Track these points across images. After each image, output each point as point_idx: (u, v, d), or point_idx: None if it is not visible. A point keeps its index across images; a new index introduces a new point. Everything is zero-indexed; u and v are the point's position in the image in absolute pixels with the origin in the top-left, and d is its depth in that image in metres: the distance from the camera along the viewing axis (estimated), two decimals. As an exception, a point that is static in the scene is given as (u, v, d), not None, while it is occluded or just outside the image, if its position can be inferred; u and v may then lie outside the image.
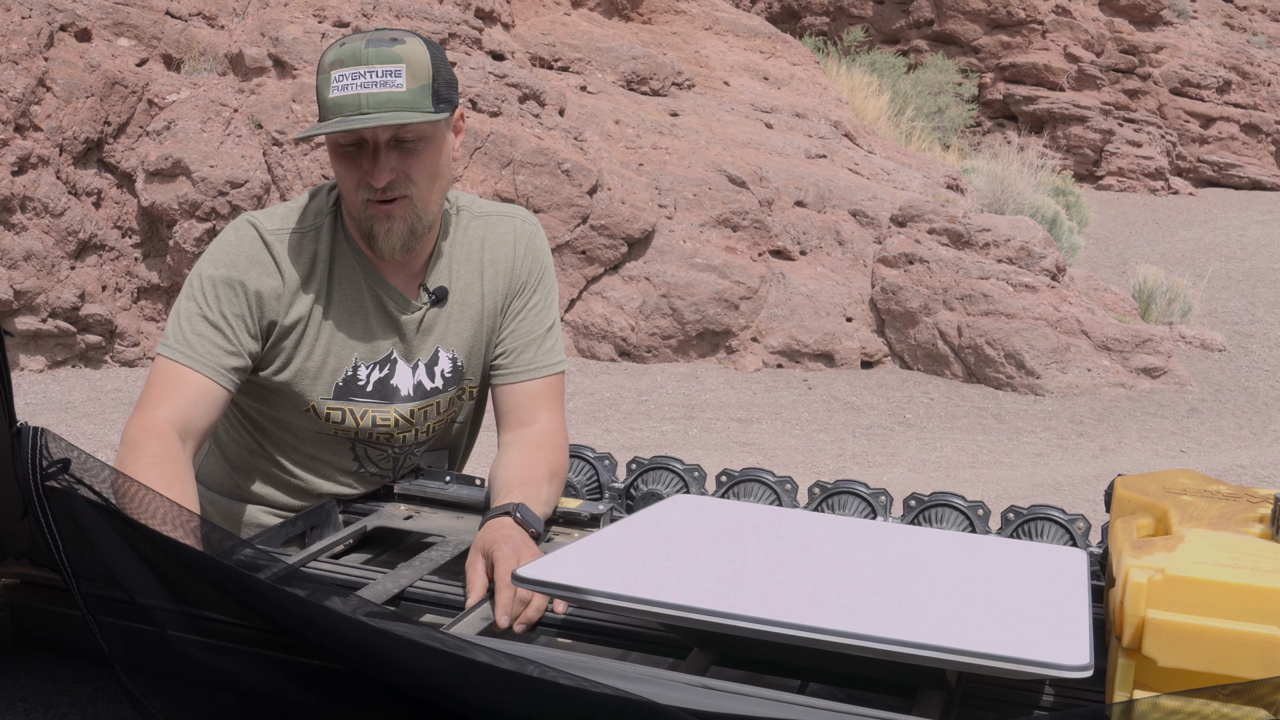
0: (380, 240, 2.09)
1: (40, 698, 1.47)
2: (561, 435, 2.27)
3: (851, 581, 1.59)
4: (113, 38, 9.93)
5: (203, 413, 2.06)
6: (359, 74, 2.00)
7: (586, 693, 1.14)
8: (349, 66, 2.01)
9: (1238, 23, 22.37)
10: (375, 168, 2.04)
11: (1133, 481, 1.85)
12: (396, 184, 2.06)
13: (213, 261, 2.12)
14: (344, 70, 2.00)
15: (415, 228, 2.11)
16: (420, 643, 1.23)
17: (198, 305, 2.09)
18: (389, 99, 1.99)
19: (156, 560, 1.37)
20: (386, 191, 2.05)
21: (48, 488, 1.39)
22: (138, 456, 1.95)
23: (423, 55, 2.05)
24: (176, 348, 2.07)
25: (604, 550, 1.66)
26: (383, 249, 2.10)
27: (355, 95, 1.99)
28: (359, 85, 1.99)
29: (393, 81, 2.00)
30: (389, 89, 1.99)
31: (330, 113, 2.01)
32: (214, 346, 2.07)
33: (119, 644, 1.39)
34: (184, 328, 2.08)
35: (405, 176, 2.06)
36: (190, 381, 2.06)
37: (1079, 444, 8.72)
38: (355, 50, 2.01)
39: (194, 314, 2.09)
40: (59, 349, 9.17)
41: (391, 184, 2.05)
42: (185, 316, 2.09)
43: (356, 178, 2.06)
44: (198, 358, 2.06)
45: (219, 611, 1.38)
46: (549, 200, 10.02)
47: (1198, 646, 1.33)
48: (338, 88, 2.00)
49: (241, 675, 1.38)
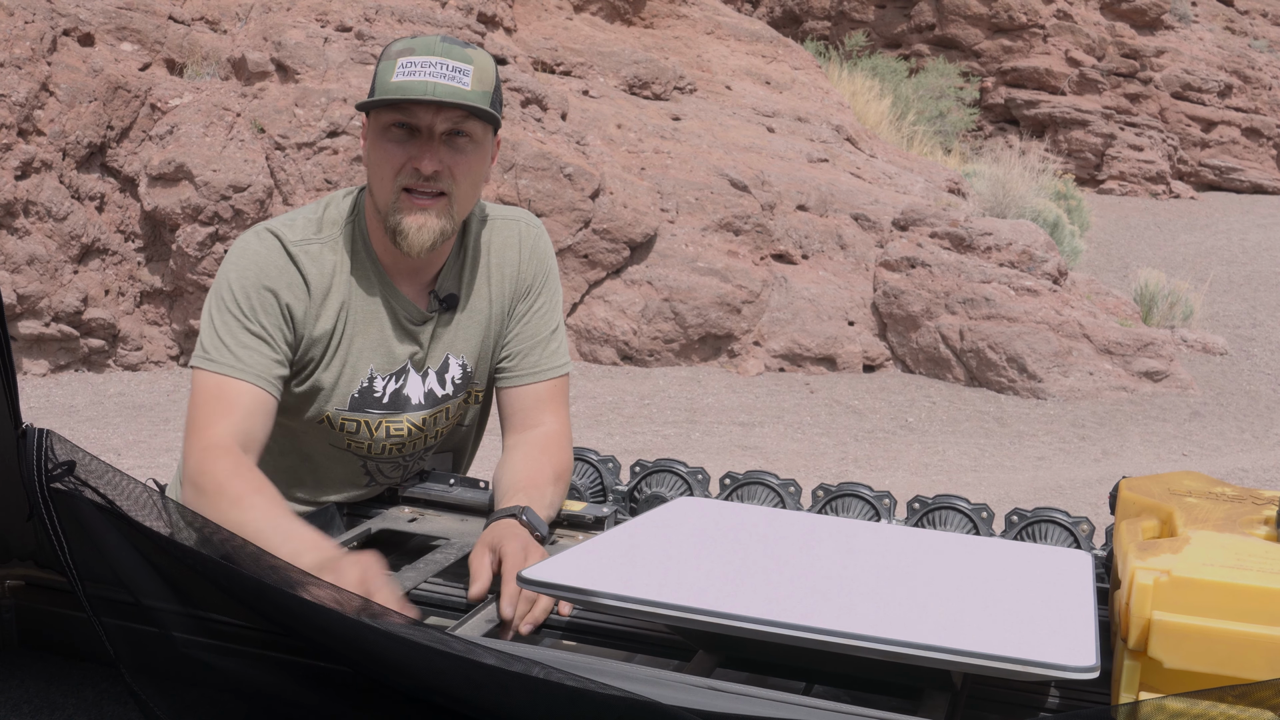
0: (410, 235, 2.04)
1: (45, 699, 1.47)
2: (566, 438, 2.27)
3: (857, 583, 1.59)
4: (116, 42, 9.94)
5: (260, 424, 2.03)
6: (430, 63, 1.98)
7: (593, 694, 1.14)
8: (421, 55, 1.99)
9: (1239, 27, 22.38)
10: (425, 152, 2.01)
11: (1138, 483, 1.85)
12: (440, 177, 2.03)
13: (242, 272, 2.07)
14: (415, 58, 1.99)
15: (446, 229, 2.08)
16: (426, 644, 1.23)
17: (237, 317, 2.04)
18: (455, 91, 1.98)
19: (161, 562, 1.37)
20: (430, 182, 2.03)
21: (53, 489, 1.39)
22: (215, 470, 1.91)
23: (490, 65, 2.06)
24: (223, 361, 2.02)
25: (609, 552, 1.66)
26: (411, 244, 2.05)
27: (424, 81, 1.97)
28: (428, 73, 1.98)
29: (461, 78, 1.99)
30: (456, 83, 1.99)
31: (391, 93, 1.99)
32: (262, 356, 2.04)
33: (124, 646, 1.39)
34: (226, 341, 2.03)
35: (450, 173, 2.04)
36: (244, 394, 2.01)
37: (1081, 448, 8.72)
38: (429, 43, 2.01)
39: (235, 326, 2.04)
40: (62, 353, 9.17)
41: (436, 175, 2.02)
42: (226, 329, 2.04)
43: (400, 161, 2.03)
44: (247, 369, 2.02)
45: (224, 613, 1.38)
46: (551, 204, 10.02)
47: (1204, 648, 1.33)
48: (404, 73, 1.98)
49: (247, 677, 1.38)
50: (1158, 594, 1.35)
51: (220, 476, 1.90)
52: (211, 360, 2.03)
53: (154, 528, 1.35)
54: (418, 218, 2.04)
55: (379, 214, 2.10)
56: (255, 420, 2.02)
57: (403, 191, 2.04)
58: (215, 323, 2.05)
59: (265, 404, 2.04)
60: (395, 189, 2.04)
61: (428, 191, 2.04)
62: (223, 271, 2.09)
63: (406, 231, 2.05)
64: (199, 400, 2.02)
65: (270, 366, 2.05)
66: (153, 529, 1.35)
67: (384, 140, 2.04)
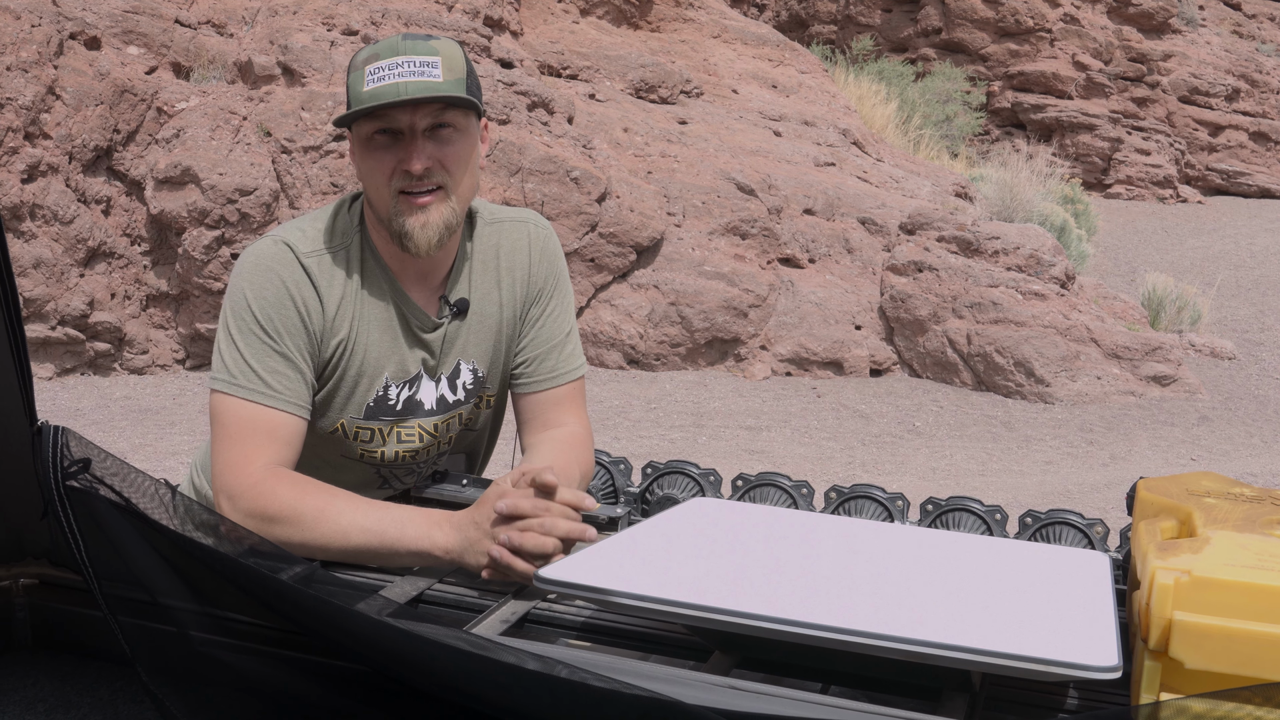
0: (415, 235, 2.03)
1: (60, 698, 1.46)
2: (589, 438, 2.26)
3: (877, 584, 1.59)
4: (122, 46, 9.96)
5: (296, 450, 2.01)
6: (396, 64, 1.97)
7: (618, 694, 1.13)
8: (385, 59, 1.98)
9: (1246, 31, 22.36)
10: (413, 153, 2.00)
11: (1155, 484, 1.84)
12: (432, 172, 2.02)
13: (260, 289, 2.03)
14: (380, 63, 1.98)
15: (449, 222, 2.06)
16: (445, 643, 1.22)
17: (262, 339, 2.01)
18: (427, 86, 1.97)
19: (178, 561, 1.36)
20: (423, 180, 2.02)
21: (69, 487, 1.38)
22: (279, 496, 1.88)
23: (457, 52, 2.04)
24: (253, 388, 1.99)
25: (627, 552, 1.65)
26: (418, 244, 2.03)
27: (394, 84, 1.96)
28: (396, 75, 1.97)
29: (430, 72, 1.98)
30: (426, 78, 1.98)
31: (365, 103, 1.98)
32: (292, 382, 2.01)
33: (141, 645, 1.38)
34: (254, 365, 1.99)
35: (441, 165, 2.03)
36: (279, 424, 1.99)
37: (1089, 452, 8.70)
38: (392, 44, 2.00)
39: (261, 350, 2.00)
40: (68, 356, 9.18)
41: (428, 172, 2.01)
42: (251, 353, 2.00)
43: (390, 167, 2.02)
44: (281, 397, 2.00)
45: (241, 612, 1.37)
46: (557, 208, 10.02)
47: (1225, 648, 1.32)
48: (373, 80, 1.97)
49: (263, 676, 1.37)
50: (1179, 594, 1.34)
51: (290, 500, 1.88)
52: (239, 386, 1.99)
53: (170, 525, 1.34)
54: (419, 217, 2.03)
55: (381, 222, 2.08)
56: (292, 448, 2.01)
57: (399, 194, 2.03)
58: (239, 344, 2.01)
59: (300, 430, 2.03)
60: (392, 194, 2.03)
61: (424, 189, 2.03)
62: (238, 286, 2.05)
63: (411, 232, 2.03)
64: (233, 430, 1.98)
65: (301, 392, 2.03)
66: (169, 527, 1.34)
67: (370, 150, 2.03)
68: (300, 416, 2.02)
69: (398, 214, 2.04)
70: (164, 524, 1.35)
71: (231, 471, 1.94)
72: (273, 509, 1.87)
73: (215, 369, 2.03)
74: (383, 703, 1.36)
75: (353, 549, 1.84)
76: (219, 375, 2.01)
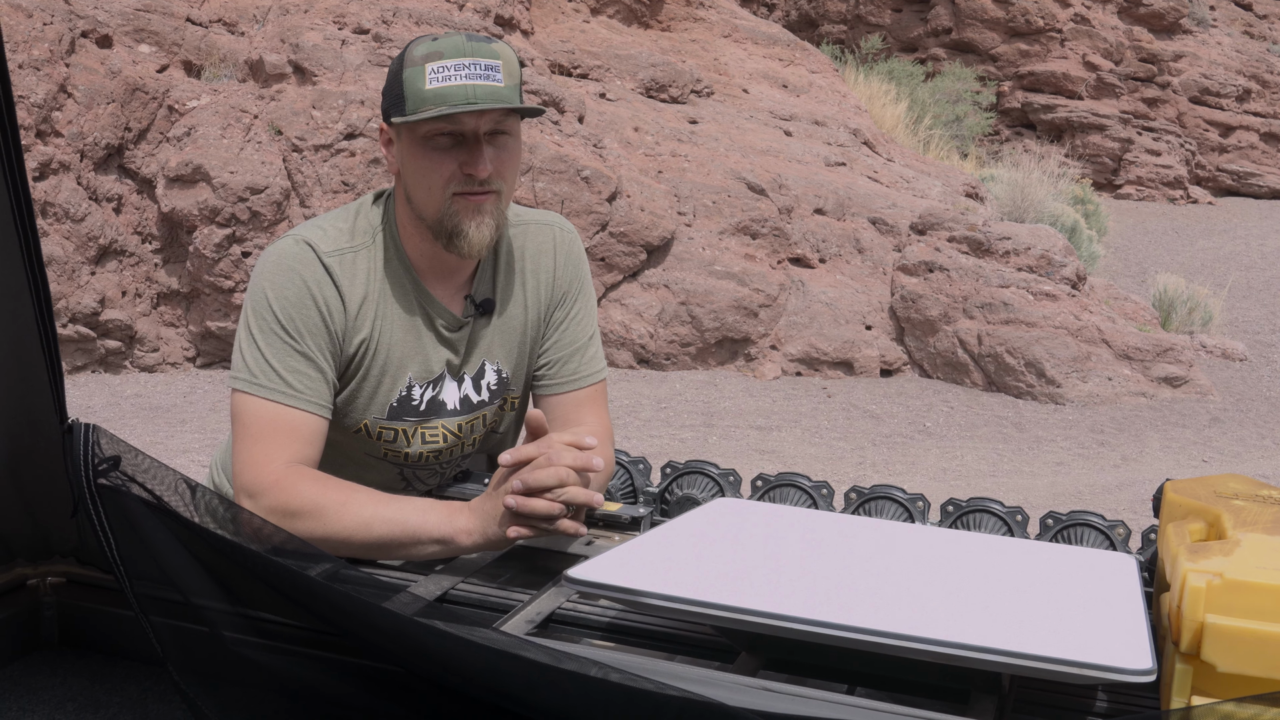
0: (471, 236, 2.03)
1: (90, 697, 1.46)
2: (610, 438, 2.26)
3: (906, 585, 1.58)
4: (133, 44, 9.97)
5: (318, 450, 2.02)
6: (462, 65, 1.97)
7: (650, 693, 1.12)
8: (450, 58, 1.97)
9: (1257, 31, 22.31)
10: (478, 159, 2.00)
11: (1183, 486, 1.83)
12: (492, 179, 2.03)
13: (281, 289, 2.03)
14: (444, 62, 1.97)
15: (500, 224, 2.08)
16: (478, 643, 1.22)
17: (283, 339, 2.01)
18: (494, 91, 1.98)
19: (210, 560, 1.36)
20: (484, 184, 2.02)
21: (99, 485, 1.38)
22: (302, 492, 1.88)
23: (513, 56, 2.05)
24: (274, 387, 1.99)
25: (653, 553, 1.65)
26: (473, 243, 2.04)
27: (462, 85, 1.96)
28: (464, 76, 1.96)
29: (494, 75, 1.98)
30: (491, 82, 1.98)
31: (430, 102, 1.97)
32: (314, 382, 2.02)
33: (172, 644, 1.38)
34: (275, 365, 1.99)
35: (498, 172, 2.04)
36: (301, 423, 1.99)
37: (1100, 453, 8.68)
38: (456, 44, 1.99)
39: (282, 349, 2.00)
40: (79, 354, 9.19)
41: (488, 177, 2.03)
42: (272, 352, 2.00)
43: (450, 169, 2.01)
44: (302, 396, 2.00)
45: (273, 611, 1.36)
46: (568, 207, 10.02)
47: (1258, 651, 1.31)
48: (438, 79, 1.96)
49: (295, 675, 1.37)
50: (1211, 597, 1.34)
51: (312, 495, 1.88)
52: (260, 385, 1.99)
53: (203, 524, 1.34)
54: (476, 217, 2.03)
55: (423, 221, 2.08)
56: (314, 447, 2.01)
57: (454, 196, 2.03)
58: (260, 344, 2.01)
59: (321, 429, 2.03)
60: (446, 196, 2.03)
61: (483, 190, 2.03)
62: (259, 285, 2.05)
63: (468, 233, 2.03)
64: (254, 429, 1.98)
65: (323, 391, 2.03)
66: (202, 525, 1.34)
67: (428, 150, 2.02)
68: (321, 416, 2.03)
69: (452, 215, 2.04)
70: (197, 522, 1.35)
71: (253, 469, 1.94)
72: (295, 504, 1.87)
73: (236, 368, 2.03)
74: (412, 702, 1.35)
75: (375, 540, 1.84)
76: (240, 374, 2.01)
